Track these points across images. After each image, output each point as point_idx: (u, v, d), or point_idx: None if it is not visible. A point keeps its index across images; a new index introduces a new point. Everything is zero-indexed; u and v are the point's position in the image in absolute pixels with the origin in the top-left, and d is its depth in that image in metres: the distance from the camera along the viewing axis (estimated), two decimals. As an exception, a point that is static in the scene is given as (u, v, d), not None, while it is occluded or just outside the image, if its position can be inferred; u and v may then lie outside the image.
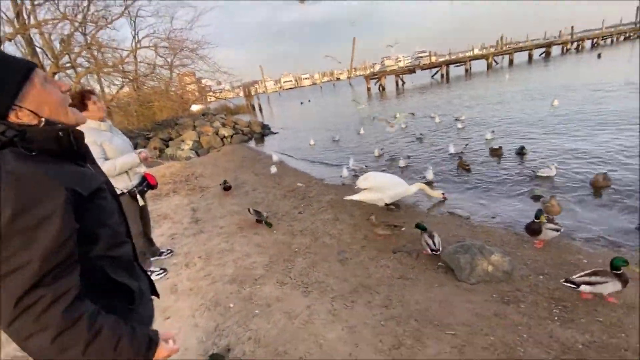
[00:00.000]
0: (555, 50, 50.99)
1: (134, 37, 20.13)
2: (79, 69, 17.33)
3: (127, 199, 3.72)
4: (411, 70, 41.76)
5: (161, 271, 4.02)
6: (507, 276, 3.28)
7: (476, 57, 46.74)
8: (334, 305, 3.16)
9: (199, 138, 14.43)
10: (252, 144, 15.22)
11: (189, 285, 3.77)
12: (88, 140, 1.21)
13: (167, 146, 13.88)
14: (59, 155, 1.01)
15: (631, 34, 58.86)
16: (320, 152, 11.34)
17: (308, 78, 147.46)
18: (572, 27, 61.56)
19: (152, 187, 4.08)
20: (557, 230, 3.64)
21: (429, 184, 5.99)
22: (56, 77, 15.36)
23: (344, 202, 5.95)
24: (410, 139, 10.65)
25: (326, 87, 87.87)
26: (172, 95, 23.01)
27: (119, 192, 3.61)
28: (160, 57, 21.09)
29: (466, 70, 41.25)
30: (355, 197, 5.22)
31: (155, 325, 2.98)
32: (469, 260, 3.34)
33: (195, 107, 29.14)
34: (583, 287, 2.73)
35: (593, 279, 2.74)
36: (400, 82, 40.53)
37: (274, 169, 8.48)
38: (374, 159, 9.13)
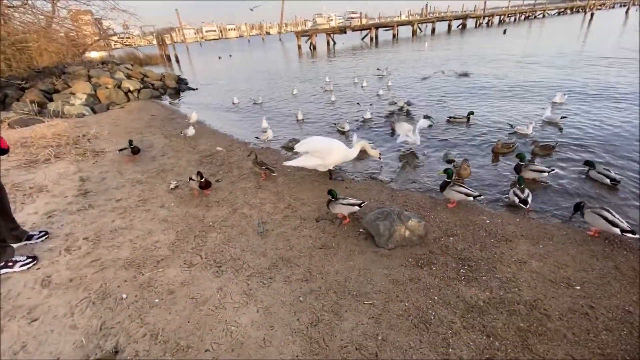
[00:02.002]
0: (470, 22, 55.27)
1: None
2: None
3: None
4: (342, 31, 40.94)
5: (28, 260, 3.18)
6: (422, 240, 3.38)
7: (403, 23, 47.92)
8: (249, 285, 2.87)
9: (95, 91, 11.99)
10: (165, 100, 13.30)
11: (68, 275, 3.05)
12: None
13: (51, 100, 11.23)
14: None
15: (529, 14, 66.81)
16: (245, 113, 10.46)
17: (234, 29, 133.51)
18: (485, 3, 67.10)
19: (4, 151, 3.11)
20: (468, 195, 3.84)
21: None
22: None
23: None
24: (334, 104, 10.47)
25: (254, 41, 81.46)
26: (57, 35, 18.52)
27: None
28: (35, -18, 16.47)
29: (393, 36, 42.14)
30: (294, 162, 4.73)
31: (16, 331, 2.28)
32: (388, 227, 3.33)
33: (94, 54, 24.27)
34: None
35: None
36: (331, 42, 39.63)
37: (191, 131, 7.43)
38: (295, 122, 8.70)
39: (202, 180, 4.37)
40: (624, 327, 2.32)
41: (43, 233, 3.63)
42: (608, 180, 4.27)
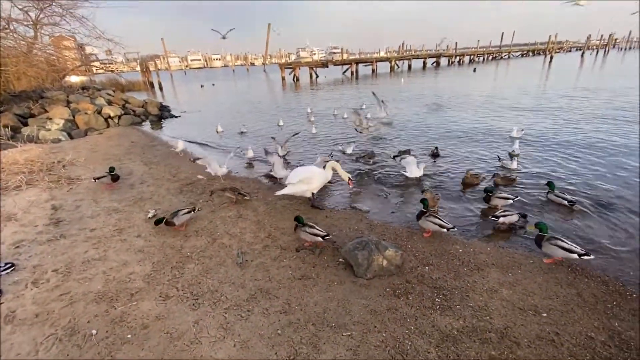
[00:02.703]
0: (443, 61, 59.38)
1: (-27, -23, 15.14)
2: None
3: None
4: (324, 65, 42.79)
5: (-9, 294, 3.01)
6: (399, 269, 3.47)
7: (381, 59, 50.82)
8: (227, 318, 2.82)
9: (74, 116, 11.82)
10: (146, 127, 13.23)
11: (34, 310, 2.90)
12: None
13: (26, 124, 10.96)
14: None
15: (496, 55, 72.69)
16: (228, 142, 10.54)
17: (219, 59, 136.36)
18: (456, 43, 72.75)
19: None
20: (442, 227, 4.00)
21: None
22: None
23: (249, 197, 5.59)
24: (315, 138, 10.78)
25: (239, 71, 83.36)
26: (37, 60, 18.36)
27: None
28: (19, 9, 16.52)
29: (373, 71, 44.45)
30: (285, 191, 5.04)
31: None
32: (366, 257, 3.41)
33: (74, 79, 24.06)
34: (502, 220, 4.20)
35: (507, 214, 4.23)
36: (314, 75, 41.23)
37: (223, 170, 6.40)
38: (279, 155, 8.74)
39: (165, 220, 4.35)
40: (586, 353, 2.45)
41: (9, 265, 3.46)
42: (566, 202, 4.78)
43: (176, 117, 16.01)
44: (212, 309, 2.92)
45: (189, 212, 4.46)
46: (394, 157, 6.89)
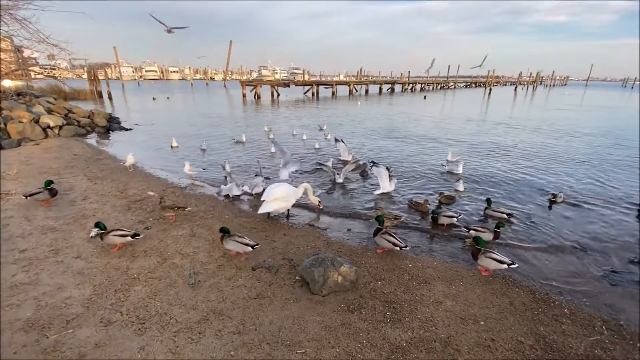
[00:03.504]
0: (398, 87, 63.68)
1: None
2: None
3: None
4: (286, 84, 43.52)
5: None
6: (353, 285, 3.59)
7: (341, 83, 53.13)
8: (176, 341, 2.69)
9: (5, 125, 10.63)
10: (91, 139, 12.29)
11: (-58, 344, 2.53)
12: None
13: (-57, 132, 9.62)
14: None
15: (444, 84, 79.74)
16: (184, 157, 10.14)
17: (177, 72, 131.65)
18: (409, 72, 78.85)
19: None
20: (395, 245, 4.22)
21: None
22: None
23: (204, 215, 5.44)
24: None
25: (198, 85, 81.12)
26: (-38, 61, 16.40)
27: None
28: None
29: (333, 93, 46.11)
30: (267, 209, 5.08)
31: None
32: (322, 273, 3.48)
33: (7, 83, 21.78)
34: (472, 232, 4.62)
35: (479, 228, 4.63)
36: (275, 93, 41.63)
37: (258, 188, 6.34)
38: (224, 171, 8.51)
39: (103, 232, 4.12)
40: (517, 356, 2.72)
41: None
42: (505, 215, 5.42)
43: (127, 129, 15.09)
44: (160, 333, 2.77)
45: (122, 235, 4.05)
46: (371, 166, 7.22)
